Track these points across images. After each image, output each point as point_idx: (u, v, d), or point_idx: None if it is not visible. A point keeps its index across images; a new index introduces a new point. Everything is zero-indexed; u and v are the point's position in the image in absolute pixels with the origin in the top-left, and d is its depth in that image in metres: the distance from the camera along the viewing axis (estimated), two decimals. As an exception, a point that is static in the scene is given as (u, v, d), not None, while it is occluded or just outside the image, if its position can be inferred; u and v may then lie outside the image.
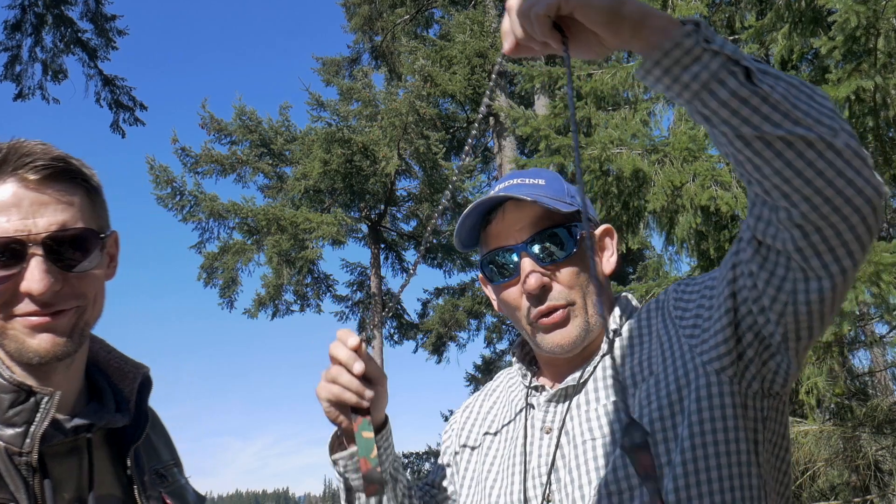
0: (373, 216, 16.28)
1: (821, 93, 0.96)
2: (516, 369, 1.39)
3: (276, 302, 15.51)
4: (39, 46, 10.41)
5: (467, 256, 17.14)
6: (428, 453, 19.24)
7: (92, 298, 1.16)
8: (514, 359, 1.39)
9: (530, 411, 1.29)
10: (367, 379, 1.17)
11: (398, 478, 1.35)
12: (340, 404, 1.18)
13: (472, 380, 18.51)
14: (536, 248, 1.24)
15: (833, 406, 7.17)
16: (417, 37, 15.50)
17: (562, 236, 1.24)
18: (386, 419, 1.30)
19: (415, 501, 1.39)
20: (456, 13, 14.26)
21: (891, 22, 4.28)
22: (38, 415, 1.05)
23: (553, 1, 0.91)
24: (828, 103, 0.95)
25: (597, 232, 1.34)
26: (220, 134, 15.82)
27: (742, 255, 1.07)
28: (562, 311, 1.23)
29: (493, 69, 13.63)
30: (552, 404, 1.26)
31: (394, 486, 1.33)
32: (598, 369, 1.24)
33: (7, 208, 1.07)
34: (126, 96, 10.97)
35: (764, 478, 1.13)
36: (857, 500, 7.45)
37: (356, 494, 1.31)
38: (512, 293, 1.28)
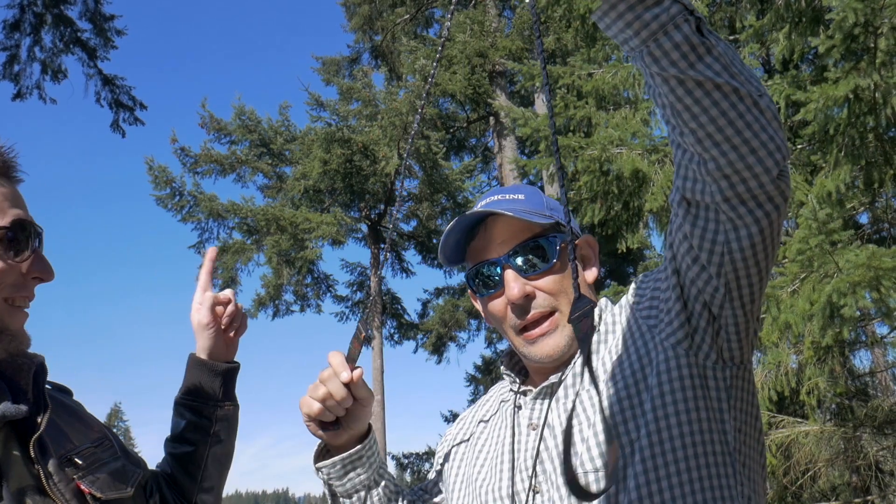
0: (373, 216, 16.28)
1: (747, 65, 1.05)
2: (505, 378, 1.43)
3: (276, 302, 15.50)
4: (38, 46, 10.39)
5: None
6: (428, 453, 19.23)
7: None
8: (503, 368, 1.43)
9: (517, 412, 1.34)
10: (354, 396, 1.27)
11: (382, 481, 1.41)
12: (321, 414, 1.27)
13: (472, 380, 18.50)
14: (518, 259, 1.30)
15: (834, 406, 7.16)
16: (417, 37, 15.50)
17: (543, 246, 1.30)
18: (369, 428, 1.37)
19: (403, 503, 1.45)
20: (456, 13, 14.25)
21: (890, 20, 4.27)
22: None
23: None
24: (754, 72, 1.05)
25: (578, 242, 1.38)
26: (220, 134, 15.82)
27: (674, 225, 1.14)
28: (548, 320, 1.29)
29: (407, 132, 13.62)
30: (537, 402, 1.30)
31: (378, 488, 1.40)
32: (577, 364, 1.29)
33: None
34: (126, 96, 10.95)
35: (733, 445, 1.18)
36: (857, 500, 7.44)
37: (341, 500, 1.39)
38: (497, 305, 1.33)
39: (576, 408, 1.22)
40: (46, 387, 1.27)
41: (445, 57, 13.41)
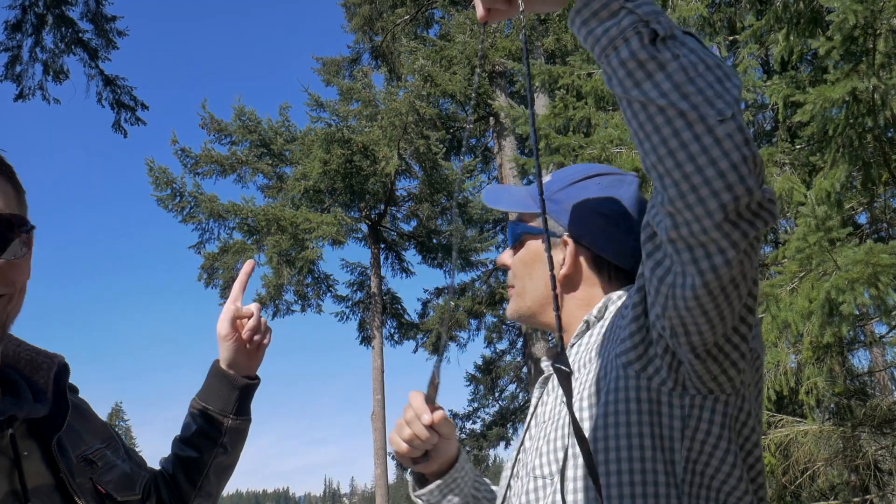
0: (373, 216, 16.30)
1: (735, 81, 0.92)
2: None
3: (277, 302, 15.52)
4: (40, 47, 10.41)
5: (467, 257, 17.16)
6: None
7: (18, 290, 1.11)
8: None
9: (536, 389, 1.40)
10: (438, 433, 1.30)
11: (480, 494, 1.46)
12: (410, 451, 1.32)
13: (472, 380, 18.51)
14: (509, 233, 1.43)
15: (833, 406, 7.17)
16: (417, 37, 15.52)
17: (512, 231, 1.40)
18: (459, 450, 1.42)
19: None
20: (456, 13, 14.27)
21: (889, 22, 4.29)
22: None
23: None
24: (735, 92, 0.91)
25: (558, 239, 1.34)
26: (220, 134, 15.84)
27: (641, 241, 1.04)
28: (510, 288, 1.40)
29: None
30: (539, 390, 1.34)
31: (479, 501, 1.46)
32: (572, 354, 1.28)
33: None
34: (127, 96, 10.97)
35: (680, 477, 1.05)
36: (856, 499, 7.45)
37: None
38: None
39: (546, 409, 1.25)
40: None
41: (445, 57, 13.44)
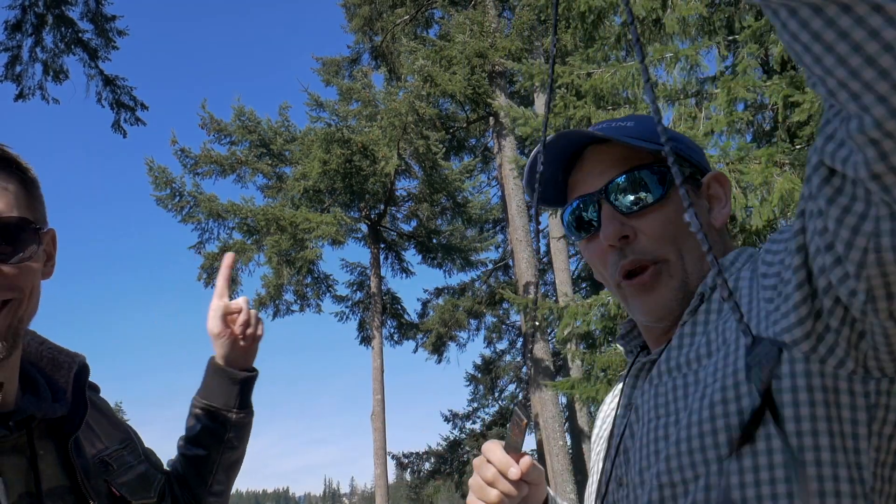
0: (372, 216, 16.30)
1: None
2: (626, 355, 1.24)
3: (277, 302, 15.53)
4: (40, 47, 10.42)
5: (467, 256, 17.18)
6: (428, 453, 19.25)
7: (28, 293, 1.11)
8: (620, 334, 1.23)
9: (626, 386, 1.14)
10: (526, 482, 1.10)
11: None
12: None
13: (472, 380, 18.53)
14: (617, 193, 1.08)
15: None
16: (417, 37, 15.52)
17: (647, 180, 1.07)
18: (547, 491, 1.20)
19: None
20: (456, 13, 14.28)
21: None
22: None
23: None
24: None
25: (704, 179, 1.14)
26: (220, 134, 15.86)
27: (809, 190, 0.81)
28: (651, 269, 1.05)
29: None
30: (638, 378, 1.11)
31: None
32: (675, 337, 1.05)
33: None
34: (127, 96, 10.98)
35: (870, 485, 0.86)
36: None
37: None
38: (595, 249, 1.12)
39: (666, 396, 1.01)
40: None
41: (445, 57, 13.44)
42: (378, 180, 14.71)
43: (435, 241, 16.79)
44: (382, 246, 16.84)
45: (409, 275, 17.53)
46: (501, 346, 18.65)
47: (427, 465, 19.29)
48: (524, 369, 16.78)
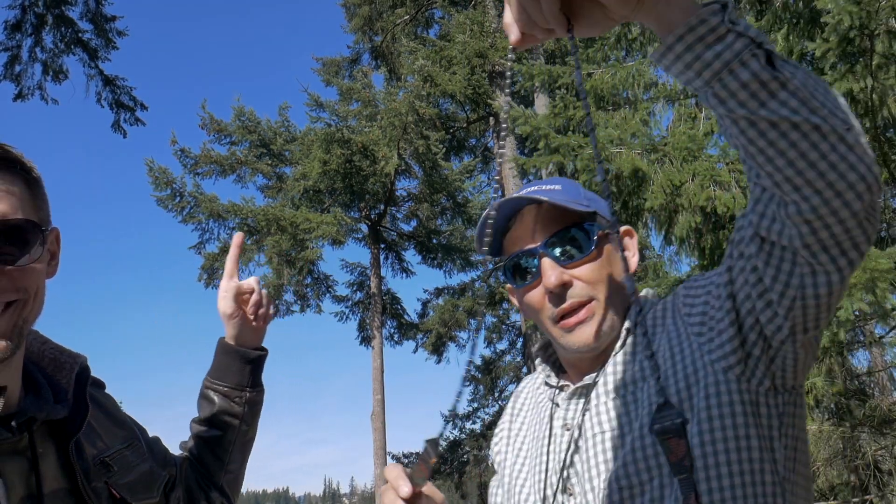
0: (373, 216, 16.30)
1: (834, 91, 0.97)
2: (540, 371, 1.41)
3: (277, 302, 15.50)
4: (39, 47, 10.42)
5: (467, 257, 17.16)
6: (428, 453, 19.21)
7: (32, 294, 1.11)
8: (538, 360, 1.41)
9: (555, 410, 1.32)
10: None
11: None
12: None
13: (472, 380, 18.51)
14: (555, 248, 1.26)
15: (832, 406, 7.17)
16: (417, 37, 15.52)
17: (578, 236, 1.27)
18: None
19: None
20: (456, 13, 14.27)
21: (887, 23, 4.29)
22: None
23: None
24: (842, 100, 0.96)
25: (620, 232, 1.33)
26: (220, 135, 15.85)
27: (739, 252, 1.07)
28: (585, 308, 1.24)
29: (507, 62, 13.61)
30: (572, 402, 1.28)
31: None
32: (611, 364, 1.25)
33: None
34: (127, 96, 10.98)
35: (782, 475, 1.12)
36: (856, 499, 7.45)
37: None
38: (534, 295, 1.29)
39: (609, 414, 1.20)
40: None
41: (445, 57, 13.43)
42: (378, 180, 14.71)
43: (435, 241, 16.79)
44: (382, 246, 16.84)
45: (409, 275, 17.53)
46: (501, 346, 18.66)
47: (427, 466, 19.25)
48: (524, 369, 16.79)
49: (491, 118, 14.73)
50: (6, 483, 1.05)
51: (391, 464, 1.15)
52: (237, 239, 1.55)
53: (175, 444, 1.55)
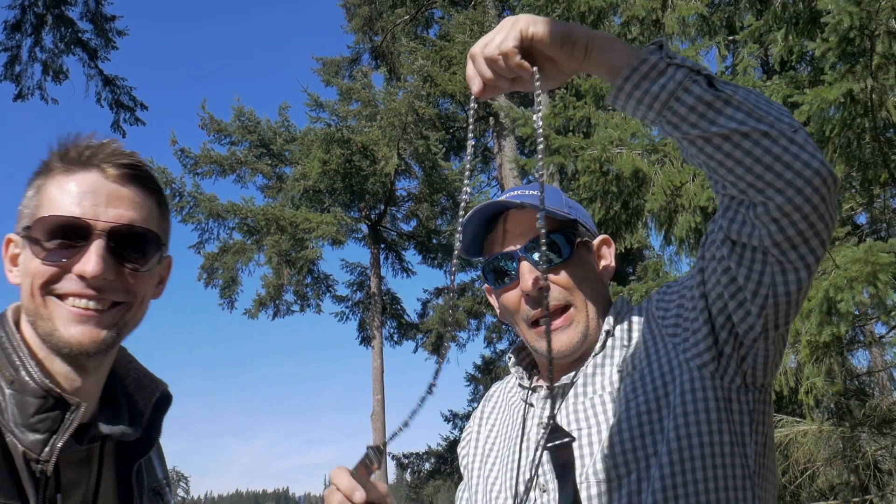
0: (372, 216, 16.29)
1: (776, 102, 1.07)
2: (513, 373, 1.44)
3: (277, 302, 15.52)
4: (39, 47, 10.42)
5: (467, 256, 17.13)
6: (428, 453, 19.23)
7: (139, 301, 1.15)
8: (512, 363, 1.44)
9: (529, 410, 1.34)
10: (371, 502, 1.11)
11: None
12: None
13: (472, 380, 18.50)
14: (535, 252, 1.29)
15: (832, 406, 7.17)
16: (417, 37, 15.51)
17: (558, 242, 1.30)
18: None
19: None
20: (456, 13, 14.27)
21: (887, 23, 4.29)
22: (62, 425, 1.04)
23: (518, 33, 1.03)
24: (783, 108, 1.05)
25: (595, 241, 1.40)
26: (220, 135, 15.84)
27: (711, 255, 1.14)
28: (563, 315, 1.28)
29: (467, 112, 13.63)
30: (548, 402, 1.31)
31: None
32: (589, 366, 1.30)
33: (84, 194, 1.09)
34: (126, 96, 10.98)
35: (752, 469, 1.18)
36: (856, 499, 7.45)
37: None
38: (512, 297, 1.33)
39: (586, 412, 1.24)
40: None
41: (445, 57, 13.43)
42: (378, 180, 14.71)
43: (435, 241, 16.78)
44: (382, 246, 16.83)
45: (409, 275, 17.54)
46: (501, 346, 18.65)
47: (427, 466, 19.27)
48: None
49: (491, 118, 14.72)
50: (64, 493, 1.06)
51: (338, 468, 1.11)
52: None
53: (173, 444, 1.54)
